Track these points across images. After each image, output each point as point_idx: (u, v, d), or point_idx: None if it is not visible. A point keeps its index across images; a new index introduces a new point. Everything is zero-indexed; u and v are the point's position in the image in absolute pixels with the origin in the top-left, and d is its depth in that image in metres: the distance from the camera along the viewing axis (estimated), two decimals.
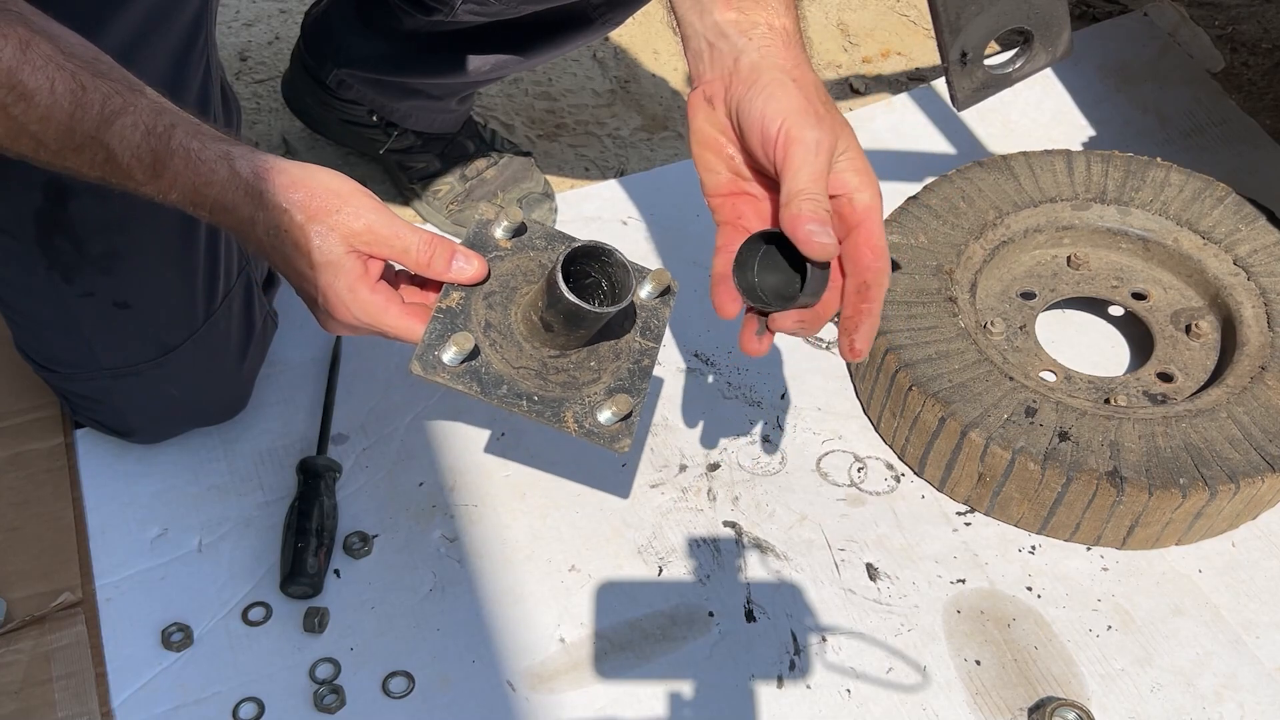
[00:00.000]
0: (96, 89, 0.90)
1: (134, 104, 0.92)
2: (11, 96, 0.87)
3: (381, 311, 0.96)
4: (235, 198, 0.92)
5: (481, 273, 0.98)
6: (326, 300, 0.96)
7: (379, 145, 1.65)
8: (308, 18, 1.64)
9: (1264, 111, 1.89)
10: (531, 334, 0.97)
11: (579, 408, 0.97)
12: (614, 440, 0.98)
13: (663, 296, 1.06)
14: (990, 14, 1.21)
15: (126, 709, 1.18)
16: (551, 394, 0.97)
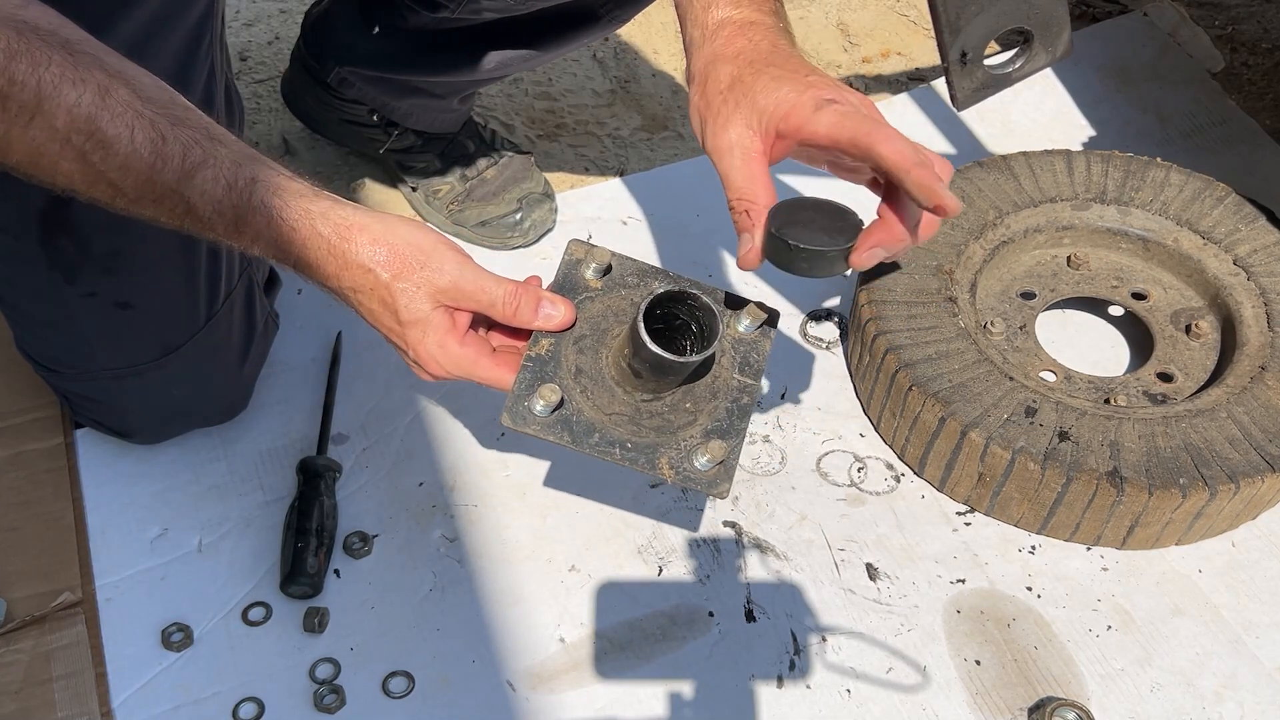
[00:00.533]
0: (176, 139, 0.90)
1: (214, 155, 0.91)
2: (90, 144, 0.87)
3: (472, 364, 0.96)
4: (318, 256, 0.93)
5: (569, 319, 0.98)
6: (417, 354, 0.96)
7: (379, 145, 1.65)
8: (308, 17, 1.64)
9: (1264, 111, 1.89)
10: (623, 379, 0.96)
11: (674, 453, 0.95)
12: (712, 485, 0.96)
13: (762, 328, 1.03)
14: (990, 14, 1.21)
15: (126, 709, 1.18)
16: (645, 439, 0.95)
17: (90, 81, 0.87)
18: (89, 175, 0.89)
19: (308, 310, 1.55)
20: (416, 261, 0.94)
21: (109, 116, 0.87)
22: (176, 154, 0.90)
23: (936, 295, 1.42)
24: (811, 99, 0.93)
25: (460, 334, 0.96)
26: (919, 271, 1.44)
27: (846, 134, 0.92)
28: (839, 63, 2.01)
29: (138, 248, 1.18)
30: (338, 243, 0.94)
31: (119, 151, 0.88)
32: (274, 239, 0.93)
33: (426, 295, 0.94)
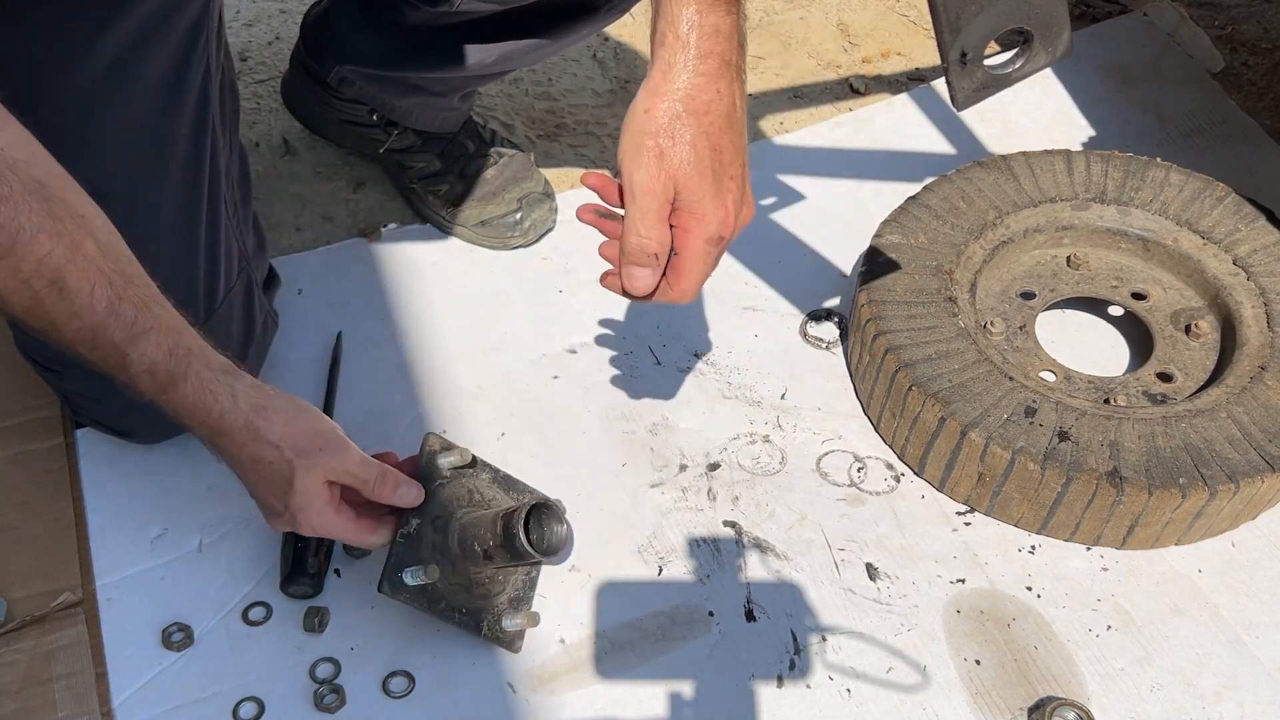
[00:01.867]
0: (129, 300, 0.98)
1: (158, 321, 1.00)
2: (49, 290, 0.93)
3: (342, 529, 1.13)
4: (233, 425, 1.05)
5: (418, 499, 1.15)
6: (294, 518, 1.10)
7: (379, 145, 1.65)
8: (307, 18, 1.64)
9: (1264, 111, 1.89)
10: (467, 556, 1.17)
11: (490, 617, 1.19)
12: (511, 644, 1.20)
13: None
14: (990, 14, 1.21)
15: (127, 709, 1.18)
16: (475, 606, 1.18)
17: (64, 235, 0.92)
18: (34, 312, 0.94)
19: (308, 310, 1.55)
20: (315, 446, 1.08)
21: (75, 271, 0.93)
22: (128, 316, 0.98)
23: (936, 295, 1.42)
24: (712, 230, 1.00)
25: (336, 504, 1.11)
26: (919, 271, 1.44)
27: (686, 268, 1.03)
28: (839, 63, 2.01)
29: (138, 247, 1.18)
30: (254, 419, 1.05)
31: (75, 302, 0.94)
32: (197, 406, 1.04)
33: (321, 474, 1.08)
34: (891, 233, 1.48)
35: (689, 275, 1.02)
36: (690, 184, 0.98)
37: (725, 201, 0.99)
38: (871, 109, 1.90)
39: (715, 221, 0.99)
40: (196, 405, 1.03)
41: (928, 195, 1.52)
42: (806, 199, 1.74)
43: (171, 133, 1.20)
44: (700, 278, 1.03)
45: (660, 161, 0.97)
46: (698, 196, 0.98)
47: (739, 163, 1.00)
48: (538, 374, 1.49)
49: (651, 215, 0.99)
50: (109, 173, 1.14)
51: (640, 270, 1.02)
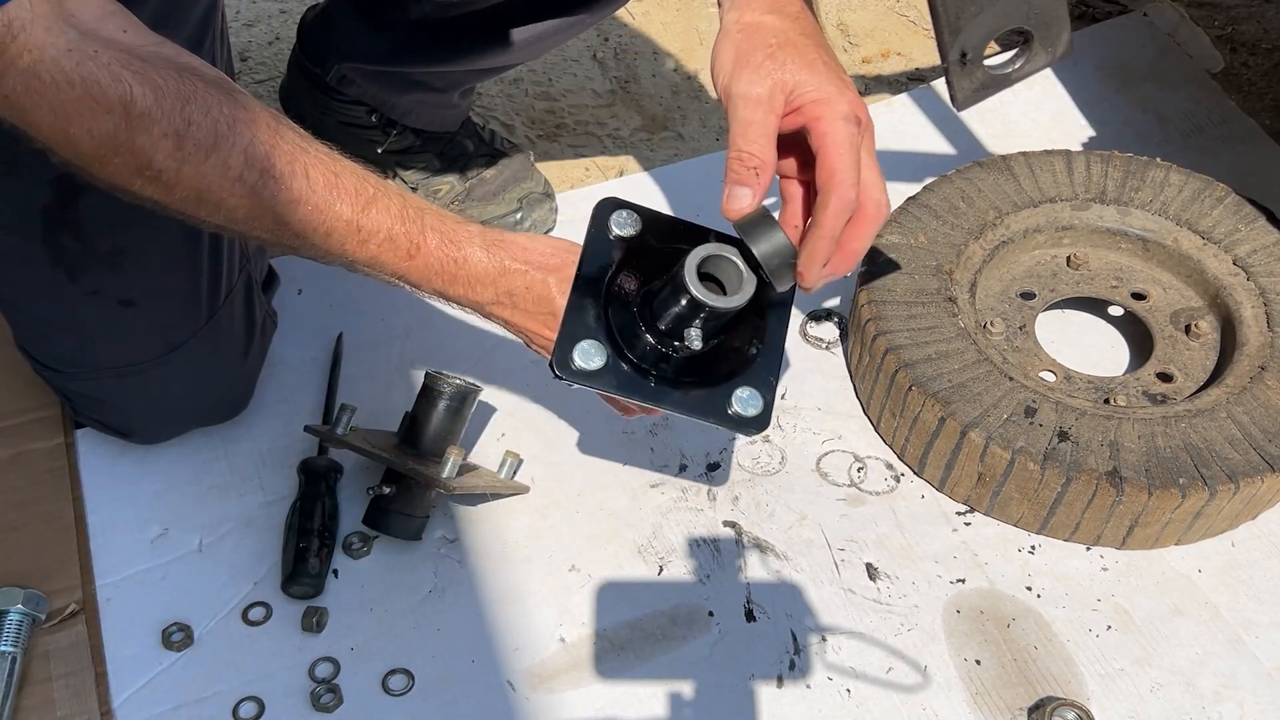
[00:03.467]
0: (349, 174, 0.96)
1: (382, 189, 0.98)
2: (263, 180, 0.91)
3: None
4: (482, 269, 1.02)
5: None
6: None
7: (377, 146, 1.65)
8: (304, 21, 1.64)
9: (1264, 111, 1.89)
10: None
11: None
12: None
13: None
14: (990, 14, 1.21)
15: (127, 708, 1.18)
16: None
17: (260, 122, 0.91)
18: (255, 210, 0.93)
19: (308, 311, 1.55)
20: (564, 261, 1.02)
21: (282, 155, 0.92)
22: (350, 189, 0.96)
23: (936, 295, 1.42)
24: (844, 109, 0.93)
25: None
26: (919, 271, 1.44)
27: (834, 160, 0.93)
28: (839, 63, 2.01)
29: (142, 245, 1.18)
30: (498, 254, 1.02)
31: (293, 186, 0.93)
32: (444, 261, 1.01)
33: None
34: (891, 233, 1.48)
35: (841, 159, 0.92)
36: (805, 78, 0.93)
37: (846, 86, 0.95)
38: (871, 109, 1.89)
39: (845, 101, 0.94)
40: (444, 260, 1.00)
41: (928, 195, 1.52)
42: None
43: None
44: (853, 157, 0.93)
45: (762, 70, 0.93)
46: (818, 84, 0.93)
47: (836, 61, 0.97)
48: (538, 374, 1.49)
49: (755, 128, 0.93)
50: None
51: (741, 190, 0.93)
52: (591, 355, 0.96)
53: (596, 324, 0.97)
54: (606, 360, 0.96)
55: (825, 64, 0.95)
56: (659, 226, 1.01)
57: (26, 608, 1.20)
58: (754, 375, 0.98)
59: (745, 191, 0.93)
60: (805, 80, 0.93)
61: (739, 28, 0.96)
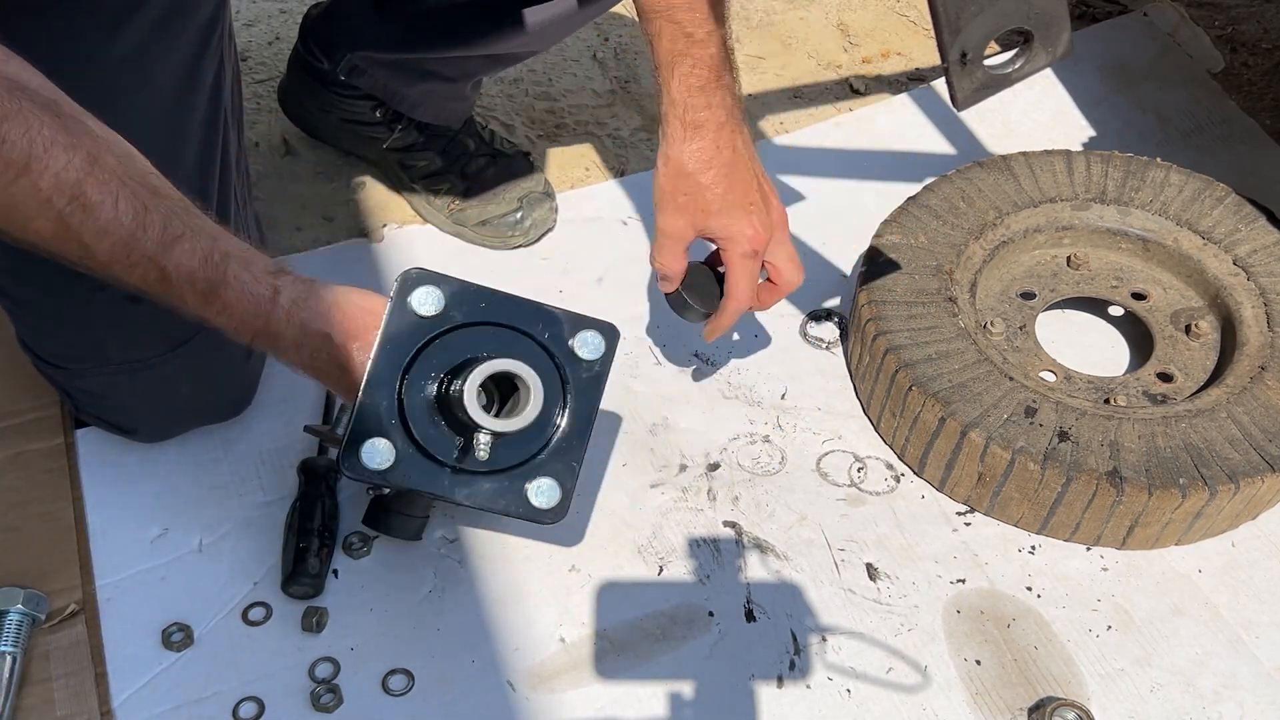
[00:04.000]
0: (157, 209, 0.94)
1: (191, 228, 0.96)
2: (72, 207, 0.90)
3: None
4: (281, 326, 1.00)
5: None
6: None
7: (380, 143, 1.65)
8: (307, 18, 1.64)
9: (1264, 111, 1.89)
10: None
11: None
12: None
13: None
14: (990, 14, 1.20)
15: (127, 708, 1.18)
16: None
17: (80, 148, 0.90)
18: (62, 235, 0.92)
19: None
20: (367, 325, 1.01)
21: (95, 183, 0.91)
22: (157, 224, 0.94)
23: (936, 295, 1.42)
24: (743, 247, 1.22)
25: None
26: (919, 271, 1.44)
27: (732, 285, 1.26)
28: (839, 63, 2.01)
29: None
30: (297, 313, 1.00)
31: (100, 217, 0.92)
32: (243, 312, 0.99)
33: None
34: (891, 233, 1.48)
35: (738, 285, 1.25)
36: (715, 222, 1.20)
37: (751, 223, 1.21)
38: (871, 109, 1.90)
39: (744, 239, 1.21)
40: (243, 311, 0.99)
41: (928, 195, 1.52)
42: (806, 199, 1.74)
43: (186, 127, 1.20)
44: (749, 287, 1.25)
45: (680, 211, 1.20)
46: (724, 227, 1.20)
47: (753, 189, 1.20)
48: None
49: (666, 251, 1.25)
50: None
51: (663, 282, 1.29)
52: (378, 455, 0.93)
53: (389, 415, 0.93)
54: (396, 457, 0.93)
55: (729, 200, 1.19)
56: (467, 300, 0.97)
57: (26, 608, 1.20)
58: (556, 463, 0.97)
59: (666, 283, 1.29)
60: (712, 224, 1.21)
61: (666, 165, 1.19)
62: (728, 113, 1.17)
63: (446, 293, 0.93)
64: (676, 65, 1.14)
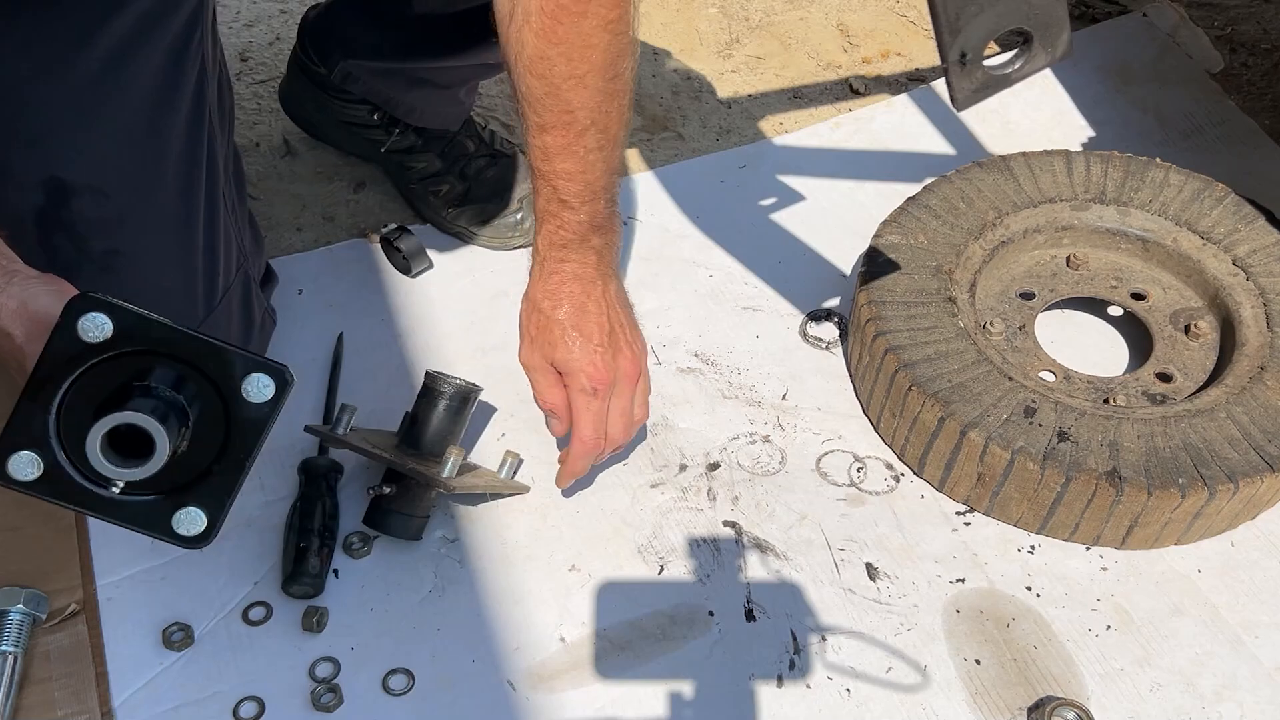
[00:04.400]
0: None
1: None
2: None
3: None
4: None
5: None
6: None
7: (379, 145, 1.65)
8: (305, 20, 1.64)
9: (1264, 112, 1.89)
10: None
11: None
12: None
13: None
14: (990, 15, 1.21)
15: (127, 708, 1.18)
16: None
17: None
18: None
19: (309, 311, 1.55)
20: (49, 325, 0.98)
21: None
22: None
23: (936, 295, 1.42)
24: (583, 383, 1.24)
25: None
26: (919, 271, 1.44)
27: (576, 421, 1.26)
28: (839, 63, 2.01)
29: (135, 245, 1.18)
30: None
31: None
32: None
33: None
34: (891, 233, 1.48)
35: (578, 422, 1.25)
36: (558, 354, 1.23)
37: (593, 360, 1.23)
38: (871, 109, 1.90)
39: (584, 376, 1.23)
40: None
41: (927, 195, 1.52)
42: (806, 199, 1.74)
43: (168, 129, 1.20)
44: (590, 423, 1.25)
45: (533, 343, 1.25)
46: (565, 360, 1.23)
47: (603, 331, 1.23)
48: None
49: (538, 385, 1.27)
50: (106, 168, 1.14)
51: (551, 420, 1.28)
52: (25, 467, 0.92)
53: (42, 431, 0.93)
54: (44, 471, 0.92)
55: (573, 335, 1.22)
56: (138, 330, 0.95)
57: (27, 607, 1.20)
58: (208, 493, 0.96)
59: (554, 421, 1.28)
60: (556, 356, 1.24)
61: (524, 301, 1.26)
62: (593, 267, 1.22)
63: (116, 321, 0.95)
64: (545, 222, 1.21)
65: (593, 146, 1.16)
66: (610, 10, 1.09)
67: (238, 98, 1.88)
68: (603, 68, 1.12)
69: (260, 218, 1.67)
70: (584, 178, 1.17)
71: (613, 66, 1.13)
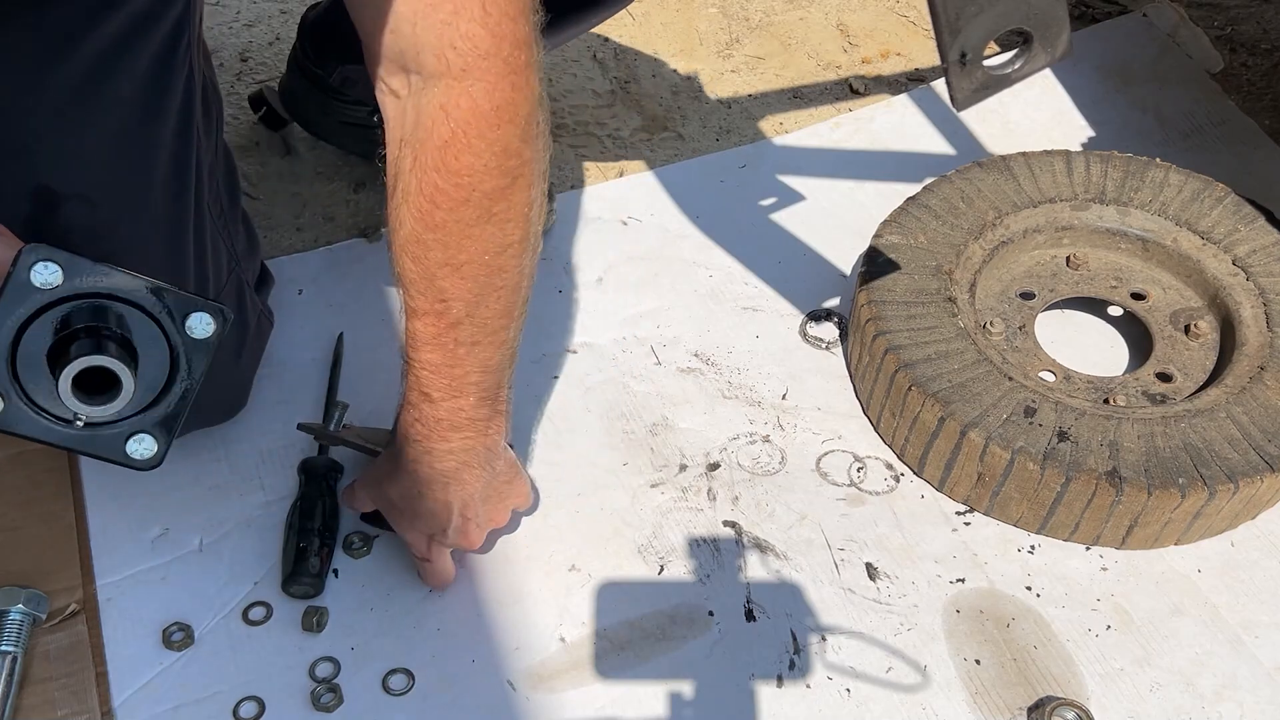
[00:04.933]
0: None
1: None
2: None
3: None
4: None
5: None
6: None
7: (380, 145, 1.65)
8: (305, 21, 1.64)
9: (1263, 112, 1.89)
10: None
11: None
12: None
13: None
14: (990, 15, 1.21)
15: (127, 708, 1.18)
16: None
17: None
18: None
19: (308, 311, 1.55)
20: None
21: None
22: None
23: (936, 295, 1.42)
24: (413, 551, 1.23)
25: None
26: (919, 271, 1.44)
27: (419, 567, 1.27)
28: (839, 63, 2.01)
29: (125, 251, 1.18)
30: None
31: None
32: None
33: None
34: (891, 233, 1.48)
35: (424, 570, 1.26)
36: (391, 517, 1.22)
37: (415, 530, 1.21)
38: (871, 109, 1.90)
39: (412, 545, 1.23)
40: None
41: (927, 195, 1.53)
42: (806, 199, 1.74)
43: (155, 137, 1.20)
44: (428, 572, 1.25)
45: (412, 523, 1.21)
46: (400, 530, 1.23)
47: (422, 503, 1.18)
48: (538, 374, 1.49)
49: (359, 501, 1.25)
50: (93, 177, 1.14)
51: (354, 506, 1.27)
52: None
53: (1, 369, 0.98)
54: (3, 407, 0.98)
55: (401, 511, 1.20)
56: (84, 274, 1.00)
57: (27, 607, 1.20)
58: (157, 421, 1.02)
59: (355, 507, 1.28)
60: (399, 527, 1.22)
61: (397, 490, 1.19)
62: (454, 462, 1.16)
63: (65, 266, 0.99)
64: (405, 411, 1.16)
65: (464, 340, 1.08)
66: (496, 202, 1.00)
67: (238, 98, 1.88)
68: (485, 260, 1.03)
69: (260, 218, 1.67)
70: (450, 372, 1.10)
71: (497, 260, 1.04)
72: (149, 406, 1.00)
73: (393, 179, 1.04)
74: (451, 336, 1.08)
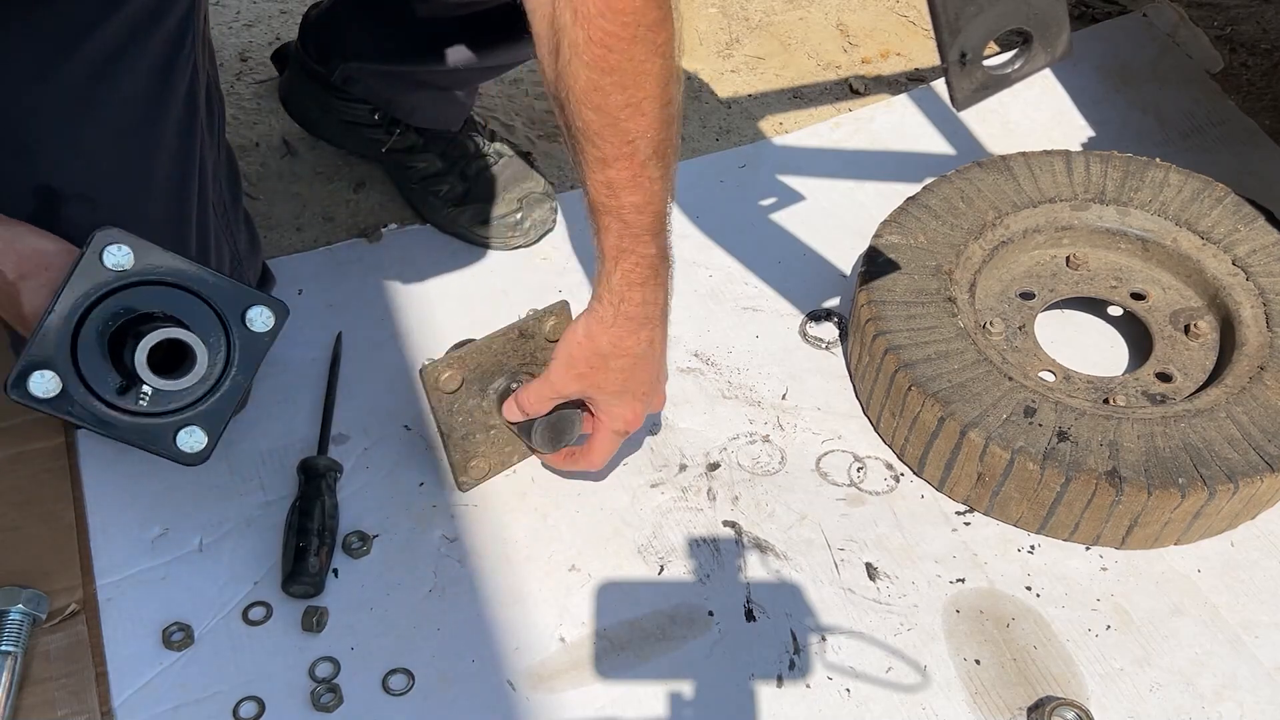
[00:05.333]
0: None
1: None
2: None
3: None
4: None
5: None
6: None
7: (380, 145, 1.65)
8: (306, 19, 1.64)
9: (1263, 112, 1.89)
10: None
11: None
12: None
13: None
14: (989, 15, 1.21)
15: (127, 708, 1.18)
16: None
17: None
18: None
19: (308, 310, 1.55)
20: (40, 265, 1.01)
21: None
22: None
23: (936, 295, 1.42)
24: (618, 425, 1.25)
25: None
26: (919, 271, 1.44)
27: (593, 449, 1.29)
28: (839, 63, 2.01)
29: None
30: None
31: None
32: None
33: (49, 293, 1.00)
34: (891, 233, 1.48)
35: (596, 453, 1.28)
36: (603, 397, 1.23)
37: (634, 408, 1.24)
38: (871, 109, 1.90)
39: (621, 421, 1.25)
40: None
41: (927, 195, 1.53)
42: (806, 199, 1.74)
43: (159, 136, 1.20)
44: (605, 456, 1.29)
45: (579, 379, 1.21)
46: (608, 404, 1.23)
47: (648, 381, 1.23)
48: None
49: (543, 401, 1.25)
50: (96, 175, 1.14)
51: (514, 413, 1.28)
52: (44, 384, 0.98)
53: (61, 351, 0.99)
54: (60, 390, 0.98)
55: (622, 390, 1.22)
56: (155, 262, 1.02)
57: (27, 607, 1.20)
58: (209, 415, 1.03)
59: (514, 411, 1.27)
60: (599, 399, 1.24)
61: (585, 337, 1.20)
62: (659, 310, 1.21)
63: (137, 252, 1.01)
64: (621, 260, 1.17)
65: (656, 176, 1.13)
66: (658, 34, 1.05)
67: (238, 98, 1.88)
68: (658, 93, 1.08)
69: (260, 218, 1.67)
70: (652, 209, 1.14)
71: (666, 91, 1.09)
72: (203, 397, 1.01)
73: (554, 40, 1.06)
74: (645, 175, 1.12)
